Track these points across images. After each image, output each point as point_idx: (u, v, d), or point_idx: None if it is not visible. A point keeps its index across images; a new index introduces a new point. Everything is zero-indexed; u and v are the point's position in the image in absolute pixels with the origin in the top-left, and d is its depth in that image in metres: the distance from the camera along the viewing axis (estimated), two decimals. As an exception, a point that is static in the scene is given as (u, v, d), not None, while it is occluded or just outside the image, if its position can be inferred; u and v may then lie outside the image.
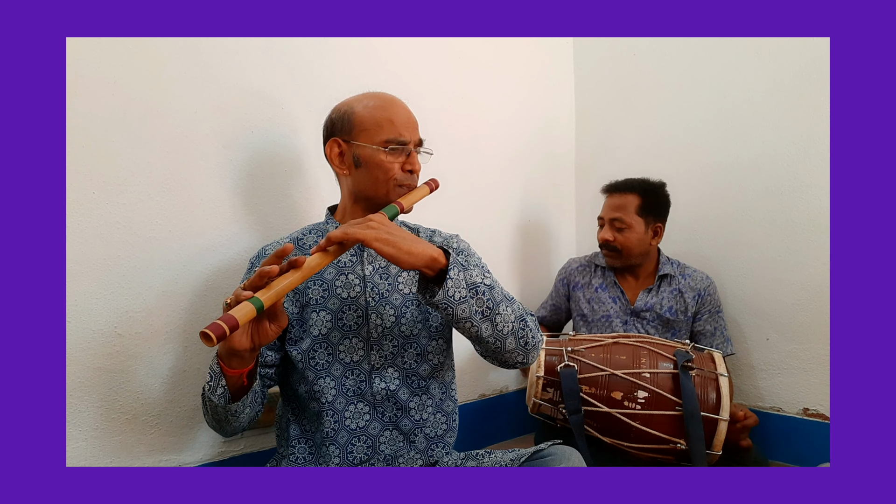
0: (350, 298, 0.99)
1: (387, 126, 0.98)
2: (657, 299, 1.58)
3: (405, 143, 0.99)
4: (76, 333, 1.03)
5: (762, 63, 1.63)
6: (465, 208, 1.71)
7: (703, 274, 1.62)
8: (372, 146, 0.98)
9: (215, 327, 0.67)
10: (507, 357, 0.91)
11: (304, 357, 0.97)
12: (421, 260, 0.82)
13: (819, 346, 1.53)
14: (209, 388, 0.86)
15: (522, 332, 0.90)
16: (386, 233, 0.82)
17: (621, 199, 1.58)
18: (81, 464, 1.04)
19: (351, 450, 0.96)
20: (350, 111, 1.01)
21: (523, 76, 1.91)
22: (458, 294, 0.83)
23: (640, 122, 1.93)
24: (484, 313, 0.86)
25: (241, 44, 1.25)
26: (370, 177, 0.99)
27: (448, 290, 0.82)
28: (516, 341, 0.90)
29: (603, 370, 1.30)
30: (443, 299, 0.82)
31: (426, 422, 1.00)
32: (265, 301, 0.73)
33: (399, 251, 0.81)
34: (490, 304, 0.86)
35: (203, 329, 0.67)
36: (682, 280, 1.60)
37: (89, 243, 1.05)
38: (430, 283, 0.86)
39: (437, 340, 1.02)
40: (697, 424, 1.21)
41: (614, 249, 1.58)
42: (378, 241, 0.80)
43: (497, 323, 0.87)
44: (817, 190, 1.53)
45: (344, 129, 1.01)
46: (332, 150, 1.02)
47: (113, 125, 1.08)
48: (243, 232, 1.24)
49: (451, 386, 1.05)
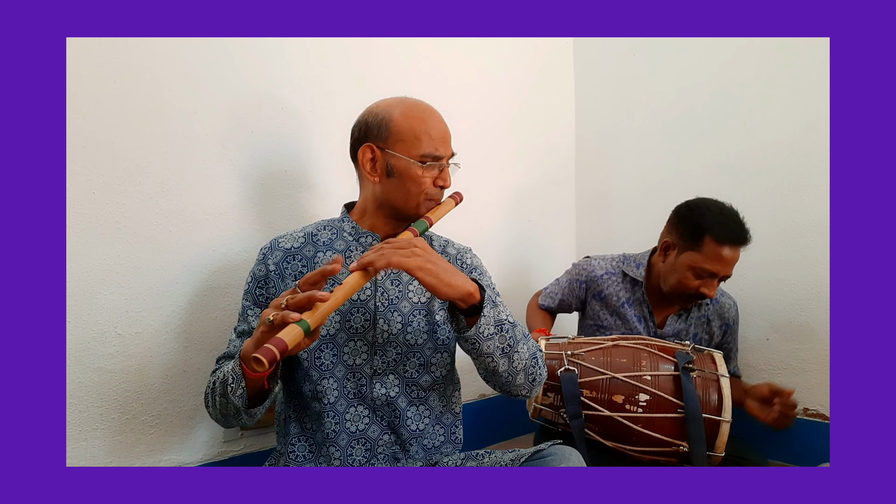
0: (360, 301, 0.98)
1: (425, 140, 0.97)
2: (685, 325, 1.47)
3: (440, 159, 0.99)
4: (76, 333, 1.03)
5: (762, 63, 1.63)
6: (465, 208, 1.70)
7: (732, 301, 1.50)
8: (408, 158, 0.97)
9: (266, 352, 0.69)
10: (514, 390, 0.96)
11: (310, 356, 0.97)
12: (458, 293, 0.85)
13: (819, 346, 1.53)
14: (230, 389, 0.86)
15: (533, 370, 0.95)
16: (429, 262, 0.83)
17: (738, 254, 1.33)
18: (81, 464, 1.04)
19: (351, 452, 0.96)
20: (388, 118, 0.99)
21: (523, 76, 1.91)
22: (488, 331, 0.87)
23: (640, 122, 1.93)
24: (504, 350, 0.89)
25: (241, 44, 1.25)
26: (402, 189, 0.98)
27: (480, 326, 0.86)
28: (526, 377, 0.94)
29: (603, 373, 1.29)
30: (474, 335, 0.86)
31: (423, 432, 0.99)
32: (312, 323, 0.75)
33: (440, 282, 0.83)
34: (511, 343, 0.90)
35: (254, 354, 0.69)
36: (711, 307, 1.47)
37: (89, 243, 1.05)
38: (458, 313, 0.89)
39: (441, 353, 1.01)
40: (699, 426, 1.20)
41: (703, 297, 1.36)
42: (422, 272, 0.82)
43: (514, 360, 0.91)
44: (817, 190, 1.53)
45: (380, 135, 0.99)
46: (364, 154, 0.99)
47: (113, 125, 1.08)
48: (243, 232, 1.24)
49: (451, 399, 1.05)
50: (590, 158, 2.08)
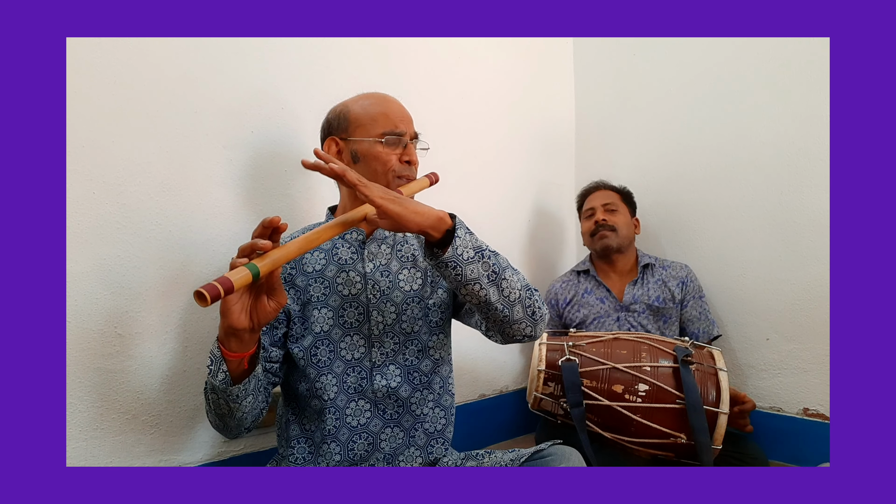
0: (351, 296, 0.99)
1: (381, 119, 1.00)
2: (643, 290, 1.65)
3: (401, 135, 1.00)
4: (76, 333, 1.03)
5: (762, 63, 1.63)
6: (465, 208, 1.70)
7: (681, 263, 1.71)
8: (368, 139, 0.99)
9: (210, 288, 0.66)
10: (516, 328, 0.90)
11: (305, 354, 0.97)
12: (428, 219, 0.82)
13: (819, 346, 1.53)
14: (210, 372, 0.85)
15: (529, 301, 0.90)
16: (391, 194, 0.82)
17: (605, 193, 1.77)
18: (81, 464, 1.04)
19: (352, 447, 0.96)
20: (345, 110, 1.03)
21: (523, 76, 1.91)
22: (466, 254, 0.83)
23: (640, 122, 1.93)
24: (490, 276, 0.85)
25: (241, 44, 1.25)
26: (368, 170, 0.99)
27: (457, 248, 0.82)
28: (524, 310, 0.89)
29: (604, 364, 1.30)
30: (452, 257, 0.82)
31: (426, 417, 1.00)
32: (261, 268, 0.73)
33: (405, 210, 0.80)
34: (496, 269, 0.86)
35: (197, 288, 0.66)
36: (664, 271, 1.68)
37: (89, 243, 1.05)
38: (435, 248, 0.85)
39: (437, 335, 1.02)
40: (700, 416, 1.20)
41: (611, 228, 1.68)
42: (383, 199, 0.79)
43: (503, 288, 0.86)
44: (817, 190, 1.53)
45: (340, 127, 1.03)
46: (329, 148, 1.03)
47: (113, 125, 1.08)
48: (243, 232, 1.24)
49: (448, 380, 1.06)
50: (590, 158, 2.08)
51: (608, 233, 1.68)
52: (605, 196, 1.75)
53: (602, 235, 1.69)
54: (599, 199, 1.76)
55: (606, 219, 1.69)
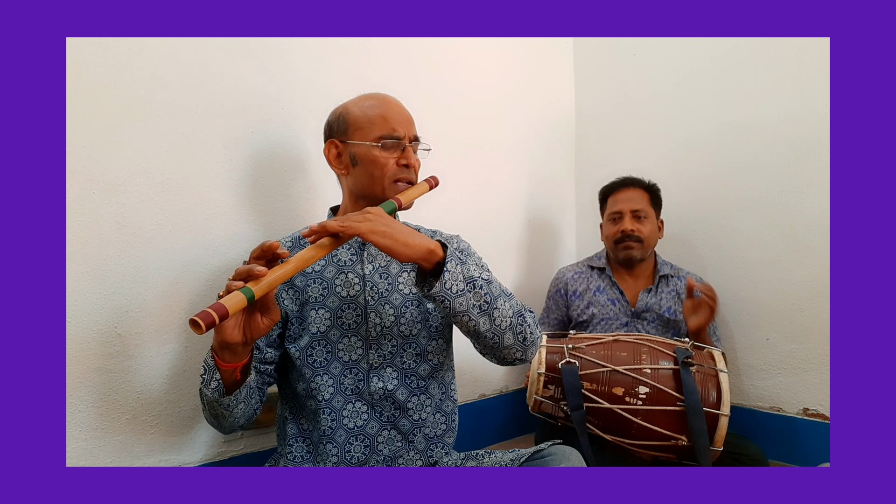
0: (349, 297, 0.99)
1: (380, 122, 0.99)
2: (656, 300, 1.59)
3: (399, 139, 0.99)
4: (76, 333, 1.03)
5: (762, 63, 1.63)
6: (465, 208, 1.71)
7: (697, 276, 1.65)
8: (366, 143, 0.99)
9: (205, 315, 0.68)
10: (506, 353, 0.91)
11: (301, 354, 0.97)
12: (418, 252, 0.82)
13: (819, 346, 1.53)
14: (203, 381, 0.87)
15: (521, 328, 0.90)
16: (383, 225, 0.82)
17: (635, 193, 1.62)
18: (81, 464, 1.04)
19: (349, 449, 0.96)
20: (345, 112, 1.03)
21: (523, 76, 1.91)
22: (456, 287, 0.83)
23: (640, 122, 1.93)
24: (481, 307, 0.85)
25: (241, 44, 1.25)
26: (366, 173, 0.99)
27: (445, 282, 0.82)
28: (514, 337, 0.89)
29: (604, 366, 1.30)
30: (440, 292, 0.82)
31: (425, 422, 1.00)
32: (256, 292, 0.74)
33: (396, 242, 0.81)
34: (488, 299, 0.86)
35: (192, 317, 0.68)
36: (679, 282, 1.62)
37: (89, 243, 1.05)
38: (428, 277, 0.86)
39: (436, 340, 1.02)
40: (700, 419, 1.20)
41: (638, 240, 1.58)
42: (374, 234, 0.80)
43: (495, 318, 0.87)
44: (817, 190, 1.53)
45: (340, 129, 1.03)
46: (329, 151, 1.04)
47: (113, 125, 1.08)
48: (243, 232, 1.24)
49: (450, 386, 1.05)
50: (590, 158, 2.08)
51: (634, 244, 1.58)
52: (634, 199, 1.61)
53: (627, 246, 1.59)
54: (628, 202, 1.61)
55: (634, 229, 1.58)
